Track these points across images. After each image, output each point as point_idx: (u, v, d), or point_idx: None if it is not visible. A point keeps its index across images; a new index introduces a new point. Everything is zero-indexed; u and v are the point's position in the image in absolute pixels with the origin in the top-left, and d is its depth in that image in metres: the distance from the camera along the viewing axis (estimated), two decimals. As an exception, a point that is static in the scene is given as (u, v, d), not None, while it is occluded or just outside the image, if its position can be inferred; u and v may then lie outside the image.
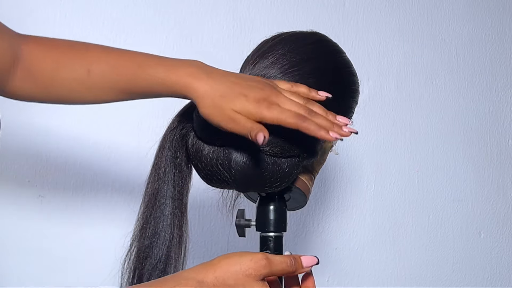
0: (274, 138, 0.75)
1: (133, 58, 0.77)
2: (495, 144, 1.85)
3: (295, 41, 0.84)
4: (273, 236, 0.89)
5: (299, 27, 0.91)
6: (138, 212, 0.84)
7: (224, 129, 0.72)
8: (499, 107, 1.88)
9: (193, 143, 0.80)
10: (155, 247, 0.81)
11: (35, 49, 0.79)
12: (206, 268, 0.67)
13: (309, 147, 0.79)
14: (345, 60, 0.88)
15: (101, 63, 0.78)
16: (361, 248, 1.65)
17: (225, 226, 1.47)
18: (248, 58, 0.85)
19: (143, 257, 0.81)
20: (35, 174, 1.32)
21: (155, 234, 0.82)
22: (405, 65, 1.75)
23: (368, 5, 1.72)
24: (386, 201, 1.69)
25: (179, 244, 0.81)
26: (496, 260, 1.81)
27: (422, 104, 1.76)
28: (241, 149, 0.77)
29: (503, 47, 1.90)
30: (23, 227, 1.30)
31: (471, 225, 1.79)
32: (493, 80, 1.88)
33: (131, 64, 0.76)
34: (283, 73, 0.80)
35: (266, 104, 0.71)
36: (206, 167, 0.79)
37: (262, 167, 0.77)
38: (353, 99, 0.87)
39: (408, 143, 1.73)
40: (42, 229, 1.32)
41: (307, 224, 1.59)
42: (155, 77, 0.74)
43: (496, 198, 1.83)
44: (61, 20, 1.38)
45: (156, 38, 1.47)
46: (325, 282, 1.60)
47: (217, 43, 1.53)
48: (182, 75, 0.73)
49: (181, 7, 1.50)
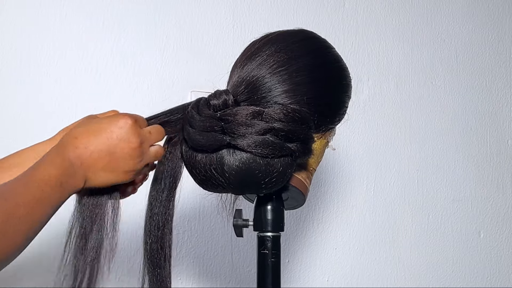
0: (264, 139, 0.76)
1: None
2: (494, 144, 1.85)
3: (282, 41, 0.84)
4: (270, 236, 0.89)
5: (299, 27, 0.91)
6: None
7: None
8: (498, 107, 1.88)
9: (186, 150, 0.80)
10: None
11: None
12: None
13: (301, 145, 0.79)
14: (334, 55, 0.87)
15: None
16: (361, 248, 1.65)
17: (225, 226, 1.48)
18: (236, 61, 0.85)
19: None
20: (35, 174, 1.32)
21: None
22: (405, 65, 1.76)
23: (368, 5, 1.72)
24: (386, 201, 1.69)
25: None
26: (495, 259, 1.81)
27: (422, 104, 1.76)
28: (233, 153, 0.77)
29: (502, 47, 1.91)
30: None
31: (470, 225, 1.79)
32: (493, 80, 1.88)
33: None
34: (271, 73, 0.80)
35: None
36: (200, 173, 0.79)
37: (255, 169, 0.77)
38: (346, 94, 0.87)
39: (408, 143, 1.73)
40: (42, 229, 1.32)
41: (307, 224, 1.60)
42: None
43: (496, 198, 1.83)
44: (61, 20, 1.39)
45: (156, 38, 1.47)
46: (325, 282, 1.60)
47: (217, 43, 1.53)
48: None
49: (181, 7, 1.50)
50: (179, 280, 1.43)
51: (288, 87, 0.80)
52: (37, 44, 1.36)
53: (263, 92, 0.79)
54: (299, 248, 1.58)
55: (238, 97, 0.80)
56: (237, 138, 0.76)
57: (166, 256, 0.84)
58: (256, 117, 0.76)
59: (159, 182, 0.83)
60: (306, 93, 0.80)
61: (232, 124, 0.76)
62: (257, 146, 0.75)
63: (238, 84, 0.81)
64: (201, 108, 0.78)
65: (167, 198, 0.83)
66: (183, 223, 1.45)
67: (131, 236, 1.38)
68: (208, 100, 0.79)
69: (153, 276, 0.84)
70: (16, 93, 1.32)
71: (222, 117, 0.77)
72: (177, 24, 1.49)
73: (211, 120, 0.77)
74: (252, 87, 0.80)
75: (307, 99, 0.80)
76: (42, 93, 1.34)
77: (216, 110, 0.78)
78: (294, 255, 1.57)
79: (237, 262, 1.50)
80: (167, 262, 0.84)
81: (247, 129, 0.76)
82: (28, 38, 1.35)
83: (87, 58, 1.40)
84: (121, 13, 1.44)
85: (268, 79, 0.80)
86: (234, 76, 0.83)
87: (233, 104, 0.79)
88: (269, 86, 0.79)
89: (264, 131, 0.76)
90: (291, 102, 0.79)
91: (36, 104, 1.35)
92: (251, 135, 0.76)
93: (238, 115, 0.76)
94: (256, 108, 0.77)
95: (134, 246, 1.37)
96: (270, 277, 0.89)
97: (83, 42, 1.40)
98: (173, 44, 1.48)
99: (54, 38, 1.37)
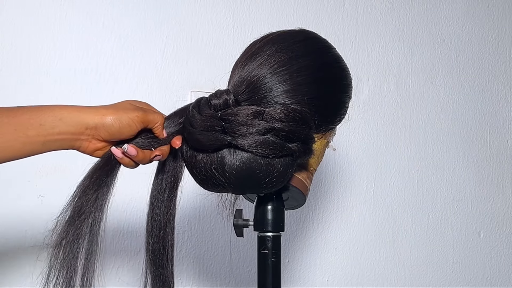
0: (265, 139, 0.76)
1: None
2: (494, 144, 1.85)
3: (282, 41, 0.84)
4: (271, 236, 0.89)
5: (299, 27, 0.91)
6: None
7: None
8: (498, 107, 1.88)
9: (186, 149, 0.81)
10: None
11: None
12: None
13: (302, 145, 0.79)
14: (335, 56, 0.87)
15: None
16: (361, 248, 1.65)
17: (225, 226, 1.48)
18: (237, 61, 0.85)
19: None
20: (35, 174, 1.33)
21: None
22: (405, 65, 1.76)
23: (368, 5, 1.73)
24: (386, 201, 1.69)
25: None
26: (495, 259, 1.81)
27: (422, 104, 1.76)
28: (234, 152, 0.78)
29: (502, 47, 1.91)
30: (23, 227, 1.30)
31: (470, 225, 1.79)
32: (493, 80, 1.88)
33: None
34: (272, 73, 0.80)
35: None
36: (201, 173, 0.79)
37: (256, 169, 0.77)
38: (346, 94, 0.87)
39: (408, 143, 1.73)
40: (42, 229, 1.32)
41: (307, 224, 1.60)
42: None
43: (496, 198, 1.83)
44: (61, 20, 1.39)
45: (156, 38, 1.47)
46: (325, 282, 1.60)
47: (217, 43, 1.53)
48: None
49: (181, 7, 1.50)
50: (179, 280, 1.43)
51: (289, 87, 0.80)
52: (37, 44, 1.36)
53: (264, 92, 0.79)
54: (299, 248, 1.58)
55: (239, 97, 0.80)
56: (238, 138, 0.76)
57: (168, 256, 0.84)
58: (257, 117, 0.76)
59: (160, 182, 0.83)
60: (306, 93, 0.80)
61: (232, 123, 0.76)
62: (258, 146, 0.75)
63: (239, 84, 0.81)
64: (202, 108, 0.78)
65: (168, 198, 0.83)
66: (183, 223, 1.45)
67: (132, 236, 1.38)
68: (209, 100, 0.79)
69: (155, 276, 0.84)
70: (16, 93, 1.32)
71: (223, 116, 0.77)
72: (177, 24, 1.49)
73: (212, 120, 0.77)
74: (253, 87, 0.80)
75: (308, 99, 0.80)
76: (42, 93, 1.34)
77: (217, 109, 0.78)
78: (294, 255, 1.57)
79: (237, 262, 1.50)
80: (169, 262, 0.84)
81: (247, 129, 0.76)
82: (28, 38, 1.35)
83: (87, 58, 1.40)
84: (121, 13, 1.44)
85: (269, 79, 0.80)
86: (235, 76, 0.83)
87: (234, 104, 0.79)
88: (270, 86, 0.80)
89: (264, 131, 0.76)
90: (291, 102, 0.79)
91: (36, 104, 1.34)
92: (251, 135, 0.76)
93: (238, 114, 0.76)
94: (257, 108, 0.77)
95: (134, 246, 1.38)
96: (270, 277, 0.89)
97: (83, 42, 1.40)
98: (173, 44, 1.48)
99: (54, 38, 1.37)
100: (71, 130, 0.75)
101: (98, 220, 0.78)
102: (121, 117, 0.76)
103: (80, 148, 0.78)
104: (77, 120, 0.74)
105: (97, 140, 0.77)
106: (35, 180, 1.33)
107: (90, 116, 0.75)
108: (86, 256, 0.77)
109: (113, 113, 0.76)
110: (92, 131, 0.75)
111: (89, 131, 0.75)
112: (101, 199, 0.79)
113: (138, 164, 0.81)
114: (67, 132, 0.75)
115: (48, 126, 0.74)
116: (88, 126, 0.75)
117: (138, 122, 0.77)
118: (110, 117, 0.75)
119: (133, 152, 0.78)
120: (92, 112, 0.75)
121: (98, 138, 0.77)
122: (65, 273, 0.76)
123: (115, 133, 0.76)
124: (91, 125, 0.75)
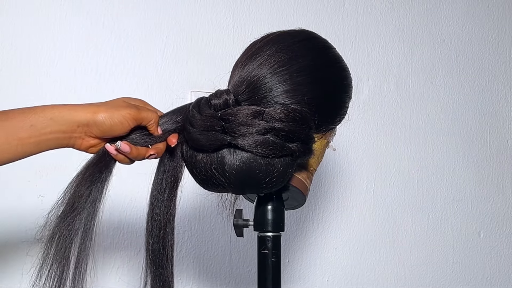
0: (265, 139, 0.76)
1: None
2: (494, 144, 1.85)
3: (282, 41, 0.84)
4: (271, 236, 0.89)
5: (299, 27, 0.91)
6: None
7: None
8: (498, 107, 1.88)
9: (186, 149, 0.81)
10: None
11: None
12: None
13: (302, 145, 0.79)
14: (335, 56, 0.87)
15: None
16: (361, 248, 1.65)
17: (225, 226, 1.48)
18: (237, 61, 0.85)
19: None
20: (35, 174, 1.33)
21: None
22: (405, 65, 1.76)
23: (368, 5, 1.73)
24: (386, 201, 1.69)
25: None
26: (495, 259, 1.81)
27: (422, 104, 1.76)
28: (234, 152, 0.78)
29: (502, 47, 1.91)
30: (23, 227, 1.30)
31: (470, 225, 1.79)
32: (493, 80, 1.88)
33: None
34: (272, 73, 0.80)
35: None
36: (201, 173, 0.79)
37: (256, 169, 0.77)
38: (346, 94, 0.87)
39: (408, 143, 1.73)
40: (42, 229, 1.32)
41: (307, 224, 1.60)
42: None
43: (496, 198, 1.83)
44: (61, 20, 1.39)
45: (156, 38, 1.47)
46: (325, 282, 1.61)
47: (217, 43, 1.53)
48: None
49: (181, 7, 1.50)
50: (179, 280, 1.43)
51: (289, 87, 0.80)
52: (37, 44, 1.36)
53: (264, 92, 0.79)
54: (299, 248, 1.58)
55: (239, 97, 0.80)
56: (238, 138, 0.76)
57: (168, 256, 0.84)
58: (257, 117, 0.76)
59: (160, 182, 0.83)
60: (306, 93, 0.80)
61: (232, 123, 0.76)
62: (258, 146, 0.75)
63: (239, 83, 0.81)
64: (202, 108, 0.78)
65: (168, 198, 0.83)
66: (183, 223, 1.45)
67: (132, 236, 1.38)
68: (209, 100, 0.79)
69: (155, 276, 0.84)
70: (16, 93, 1.32)
71: (223, 116, 0.77)
72: (177, 24, 1.49)
73: (212, 120, 0.77)
74: (253, 87, 0.80)
75: (308, 99, 0.80)
76: (42, 93, 1.34)
77: (217, 109, 0.78)
78: (294, 255, 1.57)
79: (237, 262, 1.50)
80: (169, 262, 0.84)
81: (247, 128, 0.76)
82: (28, 38, 1.35)
83: (87, 58, 1.40)
84: (121, 13, 1.44)
85: (269, 79, 0.80)
86: (235, 76, 0.83)
87: (234, 104, 0.79)
88: (270, 86, 0.80)
89: (264, 131, 0.76)
90: (291, 102, 0.79)
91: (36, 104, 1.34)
92: (251, 135, 0.76)
93: (238, 114, 0.76)
94: (257, 108, 0.77)
95: (134, 246, 1.38)
96: (270, 277, 0.89)
97: (83, 42, 1.40)
98: (173, 44, 1.48)
99: (54, 38, 1.37)
100: (63, 129, 0.75)
101: (91, 215, 0.78)
102: (112, 114, 0.76)
103: (75, 146, 0.78)
104: (68, 118, 0.75)
105: (91, 137, 0.77)
106: (35, 180, 1.33)
107: (81, 113, 0.75)
108: (78, 251, 0.77)
109: (104, 111, 0.76)
110: (84, 129, 0.76)
111: (81, 128, 0.75)
112: (95, 195, 0.78)
113: (133, 160, 0.81)
114: (58, 131, 0.75)
115: (40, 126, 0.74)
116: (79, 123, 0.75)
117: (130, 120, 0.77)
118: (102, 114, 0.75)
119: (126, 149, 0.78)
120: (84, 110, 0.76)
121: (91, 135, 0.77)
122: (57, 268, 0.76)
123: (107, 130, 0.76)
124: (83, 122, 0.75)
